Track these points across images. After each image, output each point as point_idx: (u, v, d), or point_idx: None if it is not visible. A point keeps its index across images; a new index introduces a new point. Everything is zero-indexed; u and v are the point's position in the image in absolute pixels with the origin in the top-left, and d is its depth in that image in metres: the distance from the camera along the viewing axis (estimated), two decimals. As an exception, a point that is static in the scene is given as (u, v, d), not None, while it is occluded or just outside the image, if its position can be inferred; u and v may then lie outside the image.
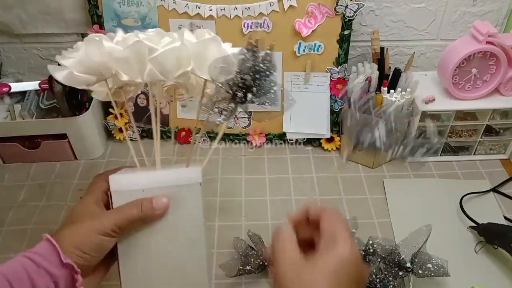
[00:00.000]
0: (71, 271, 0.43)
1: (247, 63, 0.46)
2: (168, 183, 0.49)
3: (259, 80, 0.46)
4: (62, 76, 0.46)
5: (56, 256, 0.43)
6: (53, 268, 0.42)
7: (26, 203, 0.87)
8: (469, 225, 0.79)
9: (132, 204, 0.47)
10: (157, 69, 0.44)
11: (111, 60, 0.45)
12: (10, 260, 0.43)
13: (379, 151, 0.45)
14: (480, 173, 0.91)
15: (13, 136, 0.92)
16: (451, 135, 0.92)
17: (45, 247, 0.43)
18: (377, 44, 0.90)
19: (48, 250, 0.43)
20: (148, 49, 0.43)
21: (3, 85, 0.95)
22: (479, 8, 0.98)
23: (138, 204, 0.47)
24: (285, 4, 0.89)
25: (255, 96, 0.47)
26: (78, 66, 0.46)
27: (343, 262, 0.38)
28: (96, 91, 0.53)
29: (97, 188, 0.50)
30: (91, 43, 0.46)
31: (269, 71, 0.47)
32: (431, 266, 0.68)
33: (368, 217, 0.82)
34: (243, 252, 0.72)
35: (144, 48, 0.43)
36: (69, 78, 0.46)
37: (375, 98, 0.85)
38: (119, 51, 0.44)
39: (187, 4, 0.89)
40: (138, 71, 0.44)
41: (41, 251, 0.43)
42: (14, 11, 0.95)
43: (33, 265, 0.42)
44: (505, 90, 0.89)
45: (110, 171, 0.52)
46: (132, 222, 0.47)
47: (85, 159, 0.97)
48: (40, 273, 0.42)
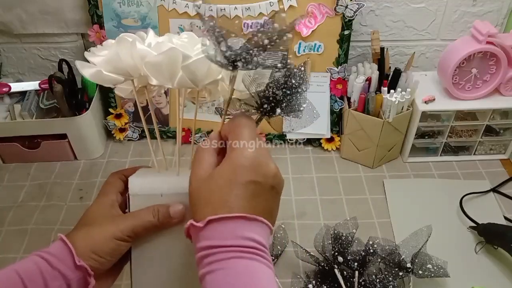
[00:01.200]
0: (84, 274, 0.43)
1: (280, 78, 0.45)
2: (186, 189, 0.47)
3: (290, 95, 0.46)
4: (89, 73, 0.46)
5: (70, 258, 0.42)
6: (67, 270, 0.42)
7: (26, 203, 0.87)
8: (469, 225, 0.79)
9: (149, 210, 0.46)
10: (188, 77, 0.43)
11: (142, 63, 0.44)
12: (25, 259, 0.42)
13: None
14: (480, 173, 0.91)
15: (13, 136, 0.92)
16: (451, 135, 0.93)
17: (60, 248, 0.43)
18: (377, 44, 0.90)
19: (62, 252, 0.43)
20: (182, 56, 0.42)
21: (3, 85, 0.95)
22: (479, 8, 0.98)
23: (155, 212, 0.46)
24: (285, 4, 0.89)
25: (283, 111, 0.46)
26: (107, 65, 0.45)
27: (235, 168, 0.39)
28: (120, 88, 0.52)
29: (112, 188, 0.49)
30: (123, 44, 0.45)
31: (301, 88, 0.47)
32: (431, 267, 0.68)
33: (368, 217, 0.82)
34: None
35: (178, 55, 0.42)
36: (97, 76, 0.46)
37: (375, 98, 0.85)
38: (152, 57, 0.43)
39: (187, 4, 0.89)
40: (169, 77, 0.44)
41: (55, 252, 0.43)
42: (14, 11, 0.94)
43: (47, 266, 0.41)
44: (505, 90, 0.89)
45: (128, 170, 0.52)
46: (148, 229, 0.46)
47: (85, 159, 0.97)
48: (54, 274, 0.41)
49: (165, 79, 0.44)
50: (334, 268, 0.69)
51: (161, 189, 0.48)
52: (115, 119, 0.99)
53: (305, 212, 0.84)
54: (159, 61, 0.43)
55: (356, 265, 0.69)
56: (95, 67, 0.45)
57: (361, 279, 0.68)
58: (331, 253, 0.71)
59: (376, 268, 0.70)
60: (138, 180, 0.49)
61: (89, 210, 0.48)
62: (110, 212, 0.47)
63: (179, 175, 0.50)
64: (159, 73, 0.44)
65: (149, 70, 0.44)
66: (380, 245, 0.71)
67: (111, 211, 0.47)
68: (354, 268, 0.69)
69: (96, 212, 0.47)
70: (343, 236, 0.72)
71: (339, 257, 0.69)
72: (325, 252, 0.71)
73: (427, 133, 0.93)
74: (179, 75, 0.43)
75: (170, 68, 0.43)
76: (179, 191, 0.47)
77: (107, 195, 0.49)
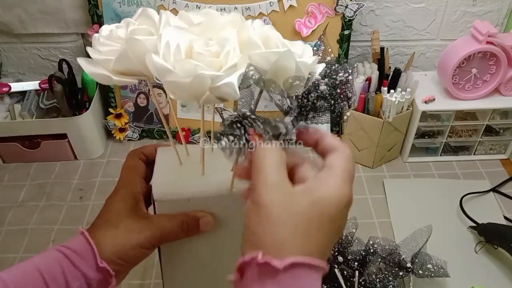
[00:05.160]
0: (105, 275, 0.42)
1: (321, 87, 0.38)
2: (215, 192, 0.45)
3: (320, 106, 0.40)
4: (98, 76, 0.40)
5: (93, 258, 0.41)
6: (89, 270, 0.41)
7: (26, 203, 0.87)
8: (469, 225, 0.79)
9: (177, 222, 0.44)
10: (217, 96, 0.37)
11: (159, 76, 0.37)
12: (46, 253, 0.41)
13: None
14: (480, 173, 0.91)
15: (13, 136, 0.92)
16: (451, 135, 0.93)
17: (82, 246, 0.42)
18: (377, 44, 0.90)
19: (85, 250, 0.41)
20: (211, 78, 0.35)
21: (3, 85, 0.95)
22: (479, 8, 0.98)
23: (184, 225, 0.44)
24: (285, 4, 0.89)
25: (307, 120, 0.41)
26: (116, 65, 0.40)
27: (339, 205, 0.33)
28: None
29: (135, 175, 0.47)
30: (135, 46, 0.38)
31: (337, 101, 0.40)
32: (431, 267, 0.68)
33: (368, 217, 0.82)
34: None
35: (206, 79, 0.35)
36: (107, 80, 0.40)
37: (375, 98, 0.85)
38: (175, 78, 0.36)
39: (187, 4, 0.89)
40: (194, 96, 0.37)
41: (78, 249, 0.41)
42: (14, 11, 0.94)
43: (69, 264, 0.40)
44: (505, 90, 0.89)
45: (146, 148, 0.49)
46: (177, 239, 0.45)
47: (85, 159, 0.97)
48: (75, 273, 0.40)
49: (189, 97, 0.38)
50: (334, 268, 0.69)
51: (188, 194, 0.45)
52: (115, 119, 0.99)
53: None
54: (185, 84, 0.36)
55: (356, 264, 0.69)
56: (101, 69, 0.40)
57: (361, 278, 0.68)
58: (331, 253, 0.71)
59: (376, 268, 0.70)
60: (162, 183, 0.45)
61: (113, 205, 0.45)
62: (135, 212, 0.44)
63: (204, 174, 0.47)
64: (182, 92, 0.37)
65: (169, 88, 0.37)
66: (380, 245, 0.71)
67: (136, 212, 0.44)
68: (354, 267, 0.69)
69: (121, 211, 0.44)
70: (343, 236, 0.72)
71: (339, 256, 0.69)
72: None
73: (427, 133, 0.93)
74: (205, 95, 0.36)
75: (196, 90, 0.36)
76: (206, 195, 0.45)
77: (131, 186, 0.46)
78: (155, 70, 0.36)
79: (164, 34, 0.37)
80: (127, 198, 0.45)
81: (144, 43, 0.38)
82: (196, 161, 0.48)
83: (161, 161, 0.48)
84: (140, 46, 0.39)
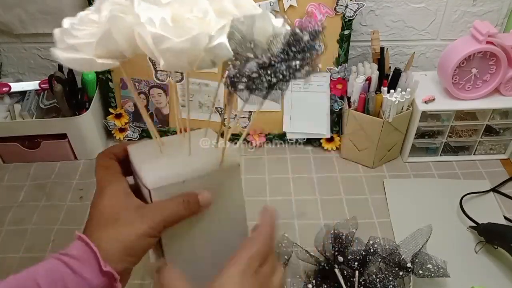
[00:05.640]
0: (110, 279, 0.39)
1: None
2: (208, 170, 0.45)
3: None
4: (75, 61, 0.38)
5: (95, 262, 0.39)
6: (92, 276, 0.38)
7: (26, 203, 0.87)
8: (469, 225, 0.79)
9: (178, 202, 0.43)
10: (211, 58, 0.37)
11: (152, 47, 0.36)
12: (44, 263, 0.38)
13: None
14: (480, 173, 0.91)
15: (13, 136, 0.92)
16: (451, 135, 0.93)
17: (83, 251, 0.39)
18: (377, 44, 0.90)
19: (86, 255, 0.39)
20: (208, 37, 0.36)
21: (3, 85, 0.95)
22: (479, 8, 0.98)
23: (185, 203, 0.43)
24: (285, 4, 0.89)
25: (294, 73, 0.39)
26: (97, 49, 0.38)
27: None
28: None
29: (113, 173, 0.45)
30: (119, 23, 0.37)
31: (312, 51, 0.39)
32: (431, 267, 0.68)
33: (368, 217, 0.82)
34: None
35: (204, 39, 0.36)
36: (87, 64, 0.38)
37: (375, 98, 0.85)
38: (174, 44, 0.35)
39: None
40: (188, 62, 0.37)
41: (78, 255, 0.39)
42: (14, 11, 0.94)
43: (70, 273, 0.38)
44: (505, 90, 0.89)
45: (115, 148, 0.48)
46: (179, 220, 0.44)
47: (85, 159, 0.97)
48: (77, 282, 0.38)
49: (183, 63, 0.38)
50: (334, 268, 0.69)
51: (181, 175, 0.45)
52: (115, 119, 0.99)
53: (305, 212, 0.84)
54: (182, 48, 0.36)
55: (357, 264, 0.69)
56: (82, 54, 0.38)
57: (361, 278, 0.68)
58: (331, 252, 0.71)
59: (376, 268, 0.70)
60: (153, 171, 0.45)
61: (104, 205, 0.43)
62: (130, 204, 0.43)
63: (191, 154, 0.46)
64: (177, 58, 0.37)
65: (165, 57, 0.37)
66: (380, 245, 0.71)
67: (132, 203, 0.43)
68: (355, 267, 0.69)
69: (115, 206, 0.42)
70: (343, 236, 0.72)
71: (340, 256, 0.69)
72: (325, 252, 0.71)
73: (427, 133, 0.93)
74: (199, 59, 0.37)
75: (192, 53, 0.37)
76: (200, 173, 0.45)
77: (116, 182, 0.44)
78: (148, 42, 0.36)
79: (142, 12, 0.36)
80: (117, 193, 0.43)
81: (127, 20, 0.37)
82: (174, 149, 0.48)
83: (138, 155, 0.47)
84: (123, 23, 0.38)
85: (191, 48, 0.36)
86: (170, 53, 0.36)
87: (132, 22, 0.37)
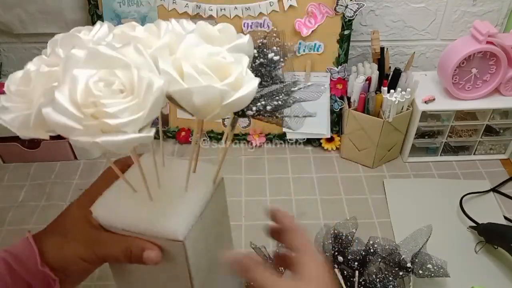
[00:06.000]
0: (47, 278, 0.41)
1: None
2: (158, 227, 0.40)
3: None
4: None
5: (34, 262, 0.40)
6: (28, 275, 0.40)
7: (26, 203, 0.87)
8: (469, 225, 0.79)
9: (121, 248, 0.41)
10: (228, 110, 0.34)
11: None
12: None
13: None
14: (480, 173, 0.91)
15: (13, 136, 0.92)
16: (451, 135, 0.93)
17: (25, 249, 0.41)
18: (377, 44, 0.90)
19: (27, 254, 0.41)
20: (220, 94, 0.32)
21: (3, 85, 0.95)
22: (479, 8, 0.98)
23: (128, 253, 0.41)
24: (285, 4, 0.89)
25: None
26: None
27: None
28: None
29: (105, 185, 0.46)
30: None
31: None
32: (431, 267, 0.68)
33: (368, 217, 0.82)
34: None
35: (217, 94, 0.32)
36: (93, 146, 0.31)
37: (375, 98, 0.85)
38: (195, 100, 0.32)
39: (187, 4, 0.89)
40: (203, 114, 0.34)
41: (20, 252, 0.41)
42: (14, 11, 0.95)
43: (10, 268, 0.40)
44: (505, 90, 0.89)
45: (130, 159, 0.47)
46: (119, 262, 0.43)
47: (85, 159, 0.97)
48: (15, 278, 0.40)
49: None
50: (334, 268, 0.69)
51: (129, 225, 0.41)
52: (115, 119, 0.99)
53: (305, 212, 0.84)
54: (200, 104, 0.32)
55: (356, 264, 0.69)
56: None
57: (361, 278, 0.68)
58: (331, 252, 0.71)
59: (376, 268, 0.70)
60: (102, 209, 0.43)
61: (70, 211, 0.45)
62: (89, 222, 0.42)
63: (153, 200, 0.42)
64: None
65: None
66: (380, 245, 0.71)
67: (91, 221, 0.43)
68: (354, 267, 0.69)
69: (75, 218, 0.43)
70: (343, 236, 0.72)
71: (339, 256, 0.69)
72: (325, 252, 0.71)
73: (427, 133, 0.93)
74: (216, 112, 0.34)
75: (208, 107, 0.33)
76: (149, 231, 0.40)
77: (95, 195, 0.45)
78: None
79: None
80: (86, 206, 0.43)
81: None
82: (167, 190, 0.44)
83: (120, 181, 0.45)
84: None
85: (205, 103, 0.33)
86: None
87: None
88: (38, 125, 0.33)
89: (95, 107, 0.30)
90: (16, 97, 0.34)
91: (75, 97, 0.30)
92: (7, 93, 0.34)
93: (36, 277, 0.40)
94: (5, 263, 0.40)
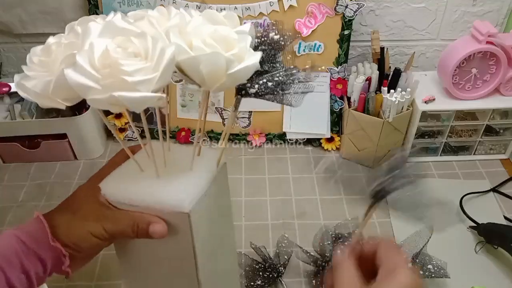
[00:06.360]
0: (58, 253, 0.42)
1: None
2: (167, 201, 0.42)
3: None
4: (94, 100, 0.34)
5: (45, 238, 0.42)
6: (41, 250, 0.42)
7: (26, 203, 0.87)
8: (469, 225, 0.79)
9: (128, 223, 0.43)
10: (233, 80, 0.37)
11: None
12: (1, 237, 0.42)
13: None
14: (480, 173, 0.91)
15: (13, 136, 0.92)
16: (451, 135, 0.93)
17: (37, 227, 0.43)
18: (377, 44, 0.90)
19: (40, 231, 0.42)
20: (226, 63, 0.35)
21: (3, 85, 0.95)
22: (479, 8, 0.98)
23: (134, 227, 0.43)
24: (285, 4, 0.89)
25: None
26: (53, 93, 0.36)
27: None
28: None
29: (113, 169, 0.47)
30: None
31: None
32: (432, 267, 0.68)
33: (368, 217, 0.82)
34: (249, 267, 0.72)
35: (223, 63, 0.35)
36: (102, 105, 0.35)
37: (375, 98, 0.85)
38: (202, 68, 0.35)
39: (187, 4, 0.89)
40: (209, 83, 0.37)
41: (32, 230, 0.42)
42: (14, 11, 0.94)
43: (23, 245, 0.41)
44: (505, 90, 0.89)
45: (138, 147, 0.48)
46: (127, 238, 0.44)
47: (85, 159, 0.97)
48: (29, 254, 0.41)
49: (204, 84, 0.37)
50: (334, 268, 0.69)
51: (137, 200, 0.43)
52: (115, 119, 0.99)
53: (305, 212, 0.84)
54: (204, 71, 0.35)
55: (356, 265, 0.69)
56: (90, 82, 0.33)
57: (361, 279, 0.68)
58: (331, 253, 0.71)
59: (376, 268, 0.70)
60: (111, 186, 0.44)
61: (80, 191, 0.47)
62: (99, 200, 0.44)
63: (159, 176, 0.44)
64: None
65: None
66: (380, 245, 0.71)
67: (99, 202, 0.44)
68: (354, 268, 0.69)
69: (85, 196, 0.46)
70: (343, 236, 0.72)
71: (339, 257, 0.69)
72: (325, 252, 0.71)
73: (427, 133, 0.93)
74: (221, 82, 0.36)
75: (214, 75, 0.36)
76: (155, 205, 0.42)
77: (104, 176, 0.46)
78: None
79: None
80: (95, 186, 0.45)
81: None
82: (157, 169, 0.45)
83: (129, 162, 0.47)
84: None
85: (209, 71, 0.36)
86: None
87: None
88: (57, 92, 0.36)
89: (112, 68, 0.33)
90: (38, 67, 0.37)
91: (93, 60, 0.33)
92: (29, 64, 0.37)
93: (48, 252, 0.42)
94: (17, 239, 0.41)
